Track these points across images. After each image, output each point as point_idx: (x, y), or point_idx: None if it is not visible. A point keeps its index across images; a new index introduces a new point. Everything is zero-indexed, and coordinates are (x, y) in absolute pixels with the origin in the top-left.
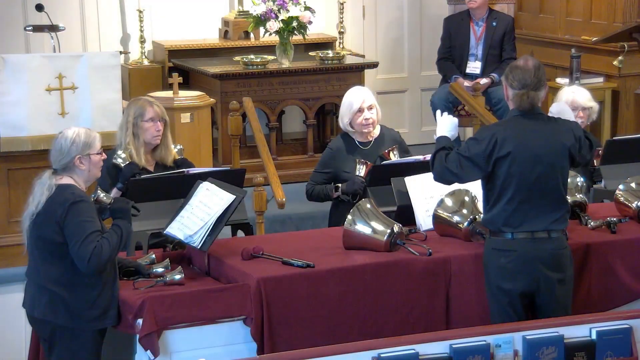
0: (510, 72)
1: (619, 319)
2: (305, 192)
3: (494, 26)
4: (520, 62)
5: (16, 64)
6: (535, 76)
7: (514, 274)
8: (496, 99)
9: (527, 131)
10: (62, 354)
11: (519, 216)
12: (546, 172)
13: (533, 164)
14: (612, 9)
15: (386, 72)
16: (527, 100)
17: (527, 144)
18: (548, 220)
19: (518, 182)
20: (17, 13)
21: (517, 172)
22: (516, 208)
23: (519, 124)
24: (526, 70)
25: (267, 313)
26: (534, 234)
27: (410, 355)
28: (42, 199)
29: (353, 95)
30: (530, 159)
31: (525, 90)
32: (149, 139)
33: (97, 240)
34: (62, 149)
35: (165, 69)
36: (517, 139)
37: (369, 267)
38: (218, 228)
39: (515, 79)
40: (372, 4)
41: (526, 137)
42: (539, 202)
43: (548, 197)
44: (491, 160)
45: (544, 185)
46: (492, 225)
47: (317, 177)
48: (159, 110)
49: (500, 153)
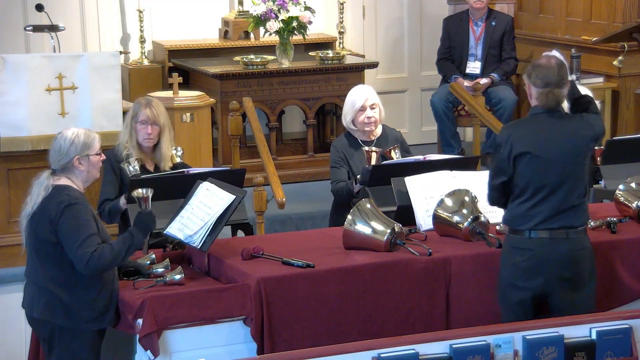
0: (533, 70)
1: (619, 319)
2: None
3: (493, 26)
4: (543, 60)
5: (16, 64)
6: (558, 74)
7: (528, 273)
8: (496, 99)
9: (546, 129)
10: (62, 354)
11: (538, 213)
12: (565, 169)
13: (554, 161)
14: (612, 9)
15: (386, 72)
16: (552, 99)
17: (546, 141)
18: (567, 217)
19: (537, 179)
20: (17, 13)
21: (536, 169)
22: (534, 205)
23: (539, 122)
24: (549, 68)
25: (267, 313)
26: (551, 233)
27: (410, 355)
28: (38, 199)
29: (356, 94)
30: (551, 156)
31: (549, 88)
32: (141, 141)
33: (96, 244)
34: (61, 150)
35: (165, 69)
36: (535, 137)
37: (369, 267)
38: (218, 228)
39: (538, 77)
40: (372, 4)
41: (546, 134)
42: (558, 200)
43: (567, 195)
44: (510, 160)
45: (562, 183)
46: (511, 222)
47: (337, 173)
48: (150, 114)
49: (517, 151)
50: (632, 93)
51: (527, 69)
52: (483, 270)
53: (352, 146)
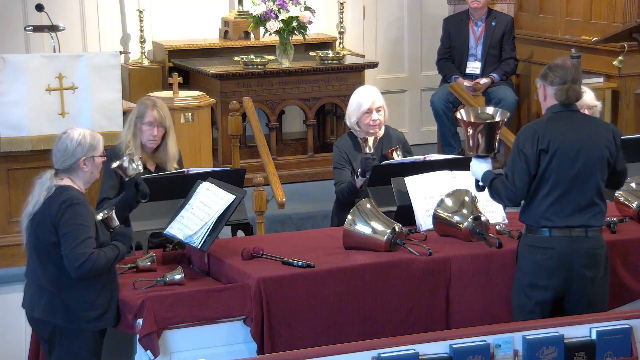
0: (550, 70)
1: (619, 319)
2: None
3: (493, 26)
4: (559, 61)
5: (16, 64)
6: (575, 72)
7: (551, 272)
8: (496, 99)
9: (567, 126)
10: (62, 354)
11: (557, 211)
12: (586, 167)
13: (573, 158)
14: (612, 9)
15: (386, 72)
16: (573, 94)
17: (568, 139)
18: (585, 216)
19: (557, 177)
20: (17, 13)
21: (556, 167)
22: (554, 202)
23: (560, 119)
24: (565, 67)
25: (267, 313)
26: (571, 232)
27: (410, 355)
28: (40, 199)
29: (363, 96)
30: (571, 153)
31: (568, 84)
32: (145, 142)
33: (93, 247)
34: (67, 150)
35: (165, 69)
36: (558, 134)
37: (369, 267)
38: (218, 228)
39: (556, 75)
40: (372, 4)
41: (567, 132)
42: (577, 198)
43: (586, 193)
44: (536, 156)
45: (582, 180)
46: (529, 220)
47: (341, 174)
48: (158, 116)
49: (541, 147)
50: (632, 93)
51: (541, 72)
52: (483, 270)
53: (356, 147)
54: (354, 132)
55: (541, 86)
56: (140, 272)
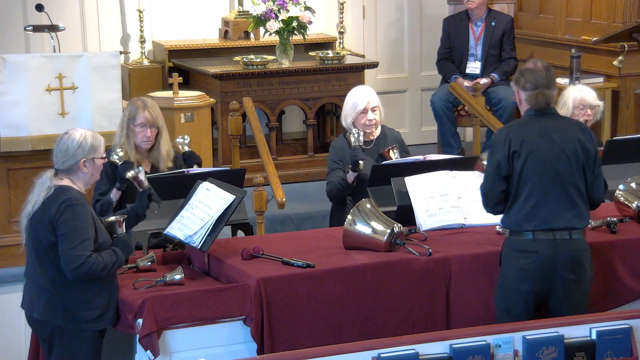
0: (521, 75)
1: (619, 319)
2: (327, 194)
3: (493, 26)
4: (529, 64)
5: (16, 64)
6: (546, 76)
7: (534, 275)
8: (496, 99)
9: (543, 128)
10: (62, 354)
11: (539, 213)
12: (565, 167)
13: (551, 159)
14: (612, 9)
15: (386, 72)
16: (542, 99)
17: (542, 141)
18: (568, 216)
19: (536, 179)
20: (17, 13)
21: (534, 169)
22: (534, 205)
23: (534, 122)
24: (536, 71)
25: (267, 313)
26: (555, 235)
27: (410, 355)
28: (39, 199)
29: (358, 96)
30: (548, 154)
31: (540, 89)
32: (139, 143)
33: (91, 249)
34: (68, 151)
35: (165, 69)
36: (531, 135)
37: (369, 267)
38: (218, 228)
39: (527, 80)
40: (372, 4)
41: (542, 134)
42: (559, 198)
43: (568, 193)
44: (509, 159)
45: (563, 181)
46: (511, 224)
47: (334, 175)
48: (149, 116)
49: (514, 150)
50: (632, 93)
51: (514, 76)
52: (483, 270)
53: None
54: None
55: (516, 91)
56: (140, 272)
